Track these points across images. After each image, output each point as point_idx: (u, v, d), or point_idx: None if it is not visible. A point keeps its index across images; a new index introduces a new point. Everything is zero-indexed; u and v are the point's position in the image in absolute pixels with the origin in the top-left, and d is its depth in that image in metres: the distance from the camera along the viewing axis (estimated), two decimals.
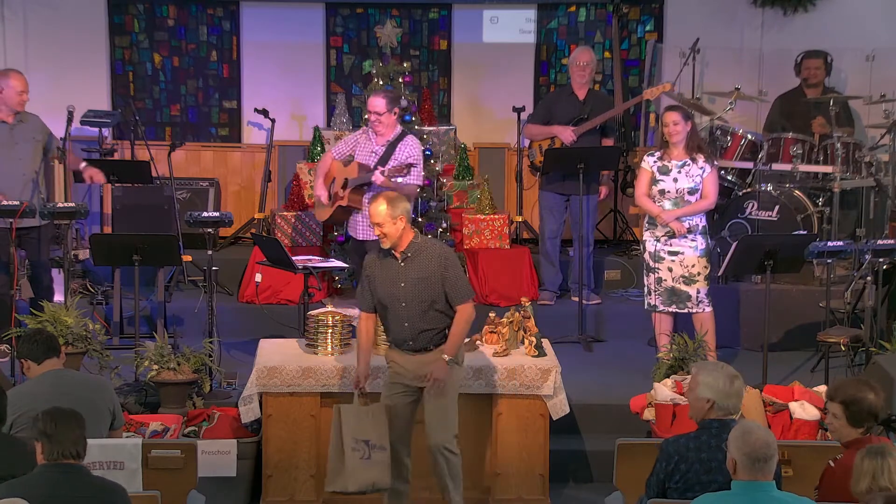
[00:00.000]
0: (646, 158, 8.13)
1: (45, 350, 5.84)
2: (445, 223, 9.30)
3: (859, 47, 10.33)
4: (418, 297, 6.32)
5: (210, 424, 7.01)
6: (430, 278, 6.31)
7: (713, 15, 10.72)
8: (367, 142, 8.22)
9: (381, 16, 10.68)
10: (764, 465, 4.67)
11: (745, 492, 4.67)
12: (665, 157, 8.03)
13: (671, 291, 8.00)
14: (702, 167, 7.98)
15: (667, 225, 7.95)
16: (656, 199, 8.02)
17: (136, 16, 10.87)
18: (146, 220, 9.16)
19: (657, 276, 8.04)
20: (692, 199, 7.97)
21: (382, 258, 6.39)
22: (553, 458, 7.11)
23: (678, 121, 7.96)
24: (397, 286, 6.33)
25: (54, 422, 4.72)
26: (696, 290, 7.98)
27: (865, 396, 5.24)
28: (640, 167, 8.16)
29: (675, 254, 7.98)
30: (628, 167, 10.54)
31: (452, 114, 11.00)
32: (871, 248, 7.72)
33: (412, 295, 6.32)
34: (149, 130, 10.57)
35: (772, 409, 6.93)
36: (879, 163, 9.58)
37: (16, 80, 8.43)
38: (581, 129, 9.22)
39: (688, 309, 8.00)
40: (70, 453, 4.72)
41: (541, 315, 7.89)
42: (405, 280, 6.32)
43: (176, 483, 5.87)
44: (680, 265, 7.97)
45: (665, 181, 8.00)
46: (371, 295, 6.44)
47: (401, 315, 6.36)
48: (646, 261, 8.12)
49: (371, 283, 6.43)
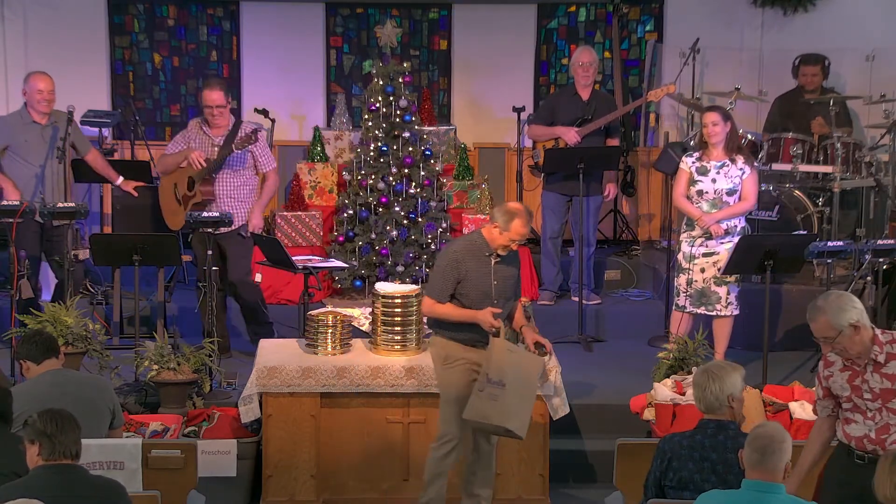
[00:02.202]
0: (684, 159, 8.06)
1: (44, 351, 5.84)
2: (445, 223, 9.30)
3: (859, 47, 10.33)
4: (505, 294, 6.51)
5: (210, 424, 7.01)
6: (513, 276, 6.56)
7: (713, 15, 10.72)
8: (203, 136, 8.36)
9: (381, 16, 10.68)
10: (766, 459, 4.62)
11: (752, 491, 4.63)
12: (704, 158, 7.97)
13: (701, 293, 7.95)
14: (741, 168, 7.92)
15: (706, 227, 7.93)
16: (694, 199, 7.96)
17: (136, 16, 10.87)
18: (146, 220, 9.16)
19: (688, 277, 7.97)
20: (730, 201, 7.92)
21: (475, 255, 6.45)
22: (553, 458, 7.11)
23: (717, 121, 7.90)
24: (489, 284, 6.44)
25: (55, 422, 4.72)
26: (727, 290, 7.93)
27: None
28: (679, 167, 8.11)
29: (710, 255, 7.93)
30: (628, 167, 10.54)
31: (452, 114, 11.01)
32: (871, 248, 7.72)
33: (501, 292, 6.48)
34: (149, 130, 10.58)
35: (772, 409, 6.93)
36: (879, 163, 9.58)
37: (35, 80, 8.54)
38: (585, 129, 9.21)
39: (716, 311, 7.95)
40: (70, 453, 4.72)
41: (541, 315, 7.89)
42: (497, 278, 6.46)
43: (176, 483, 5.87)
44: (713, 266, 7.92)
45: (703, 182, 7.95)
46: (452, 288, 6.46)
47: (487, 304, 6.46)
48: (678, 261, 8.06)
49: (460, 280, 6.44)
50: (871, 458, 5.06)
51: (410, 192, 9.21)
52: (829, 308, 5.05)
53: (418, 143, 9.29)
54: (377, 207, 9.20)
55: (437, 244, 9.22)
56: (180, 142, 8.47)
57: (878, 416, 5.10)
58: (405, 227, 9.20)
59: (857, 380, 5.14)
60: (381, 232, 9.18)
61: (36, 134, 8.55)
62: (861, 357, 5.10)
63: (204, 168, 8.22)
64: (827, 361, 5.25)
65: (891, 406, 5.08)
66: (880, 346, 5.10)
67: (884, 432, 5.09)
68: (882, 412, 5.09)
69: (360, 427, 7.02)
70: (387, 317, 7.08)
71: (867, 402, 5.12)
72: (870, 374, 5.10)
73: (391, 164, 9.22)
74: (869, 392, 5.11)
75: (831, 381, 5.21)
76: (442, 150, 9.97)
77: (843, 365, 5.19)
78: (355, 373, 6.94)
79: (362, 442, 7.03)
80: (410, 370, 6.94)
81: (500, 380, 6.23)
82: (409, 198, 9.21)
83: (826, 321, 5.04)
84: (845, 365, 5.18)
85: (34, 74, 8.65)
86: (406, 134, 9.22)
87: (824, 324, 5.05)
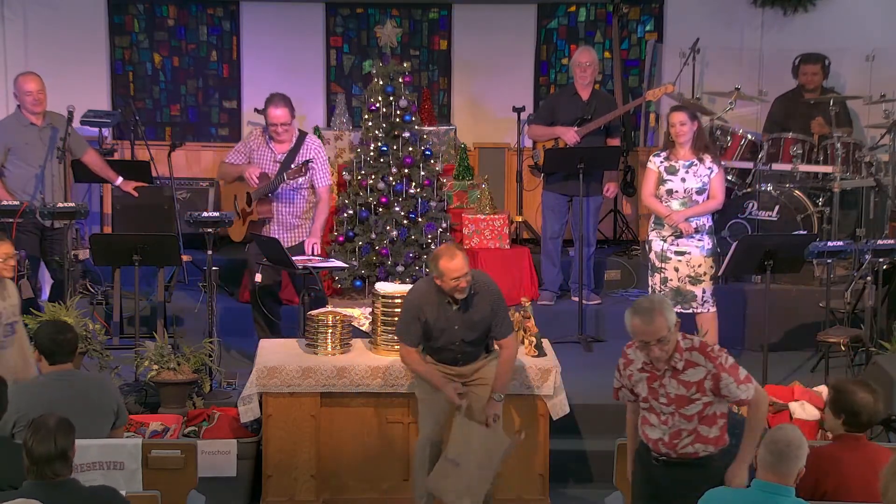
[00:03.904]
0: (652, 159, 8.11)
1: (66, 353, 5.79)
2: (445, 223, 9.30)
3: (859, 47, 10.32)
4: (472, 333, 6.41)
5: (210, 424, 7.01)
6: (483, 320, 6.38)
7: (713, 15, 10.71)
8: (265, 150, 8.35)
9: (381, 16, 10.68)
10: (782, 465, 4.61)
11: (762, 492, 4.63)
12: (672, 157, 8.02)
13: (676, 291, 7.99)
14: (709, 167, 7.97)
15: (675, 225, 7.95)
16: (664, 199, 8.01)
17: (136, 16, 10.87)
18: (146, 220, 9.17)
19: (663, 276, 8.03)
20: (700, 199, 7.96)
21: (434, 298, 6.37)
22: (553, 458, 7.11)
23: (685, 121, 7.94)
24: (452, 329, 6.38)
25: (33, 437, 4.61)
26: (702, 289, 7.97)
27: (854, 391, 5.27)
28: (647, 167, 8.14)
29: (682, 254, 7.98)
30: (628, 167, 10.54)
31: (452, 114, 11.00)
32: (871, 248, 7.72)
33: (467, 334, 6.39)
34: (149, 130, 10.57)
35: (772, 409, 6.92)
36: (879, 163, 9.57)
37: (23, 82, 8.57)
38: (584, 129, 9.21)
39: (693, 309, 7.99)
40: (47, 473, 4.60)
41: (541, 315, 7.89)
42: (459, 323, 6.37)
43: (176, 483, 5.87)
44: (686, 265, 7.96)
45: (673, 181, 7.99)
46: (420, 333, 6.44)
47: (454, 349, 6.43)
48: (651, 261, 8.12)
49: (424, 324, 6.41)
50: (664, 461, 5.25)
51: (410, 192, 9.21)
52: (661, 308, 5.14)
53: (418, 143, 9.29)
54: (377, 207, 9.20)
55: (436, 244, 9.20)
56: (242, 151, 8.47)
57: (670, 421, 5.22)
58: (405, 227, 9.20)
59: (655, 383, 5.24)
60: (381, 232, 9.18)
61: (34, 136, 8.56)
62: (661, 361, 5.17)
63: (259, 188, 8.24)
64: (627, 359, 5.35)
65: (683, 412, 5.19)
66: (680, 352, 5.19)
67: (676, 437, 5.22)
68: (675, 417, 5.21)
69: (360, 427, 7.03)
70: (387, 317, 7.08)
71: (662, 406, 5.22)
72: (668, 379, 5.20)
73: (391, 164, 9.21)
74: (665, 397, 5.21)
75: (632, 379, 5.31)
76: (442, 150, 9.97)
77: (642, 366, 5.28)
78: (355, 373, 6.94)
79: (362, 442, 7.03)
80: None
81: (454, 458, 6.26)
82: (409, 198, 9.21)
83: (663, 321, 5.11)
84: (643, 367, 5.27)
85: (22, 76, 8.67)
86: (406, 134, 9.22)
87: (661, 323, 5.11)
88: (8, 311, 6.50)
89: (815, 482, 5.11)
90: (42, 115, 8.58)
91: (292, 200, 8.34)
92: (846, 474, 5.14)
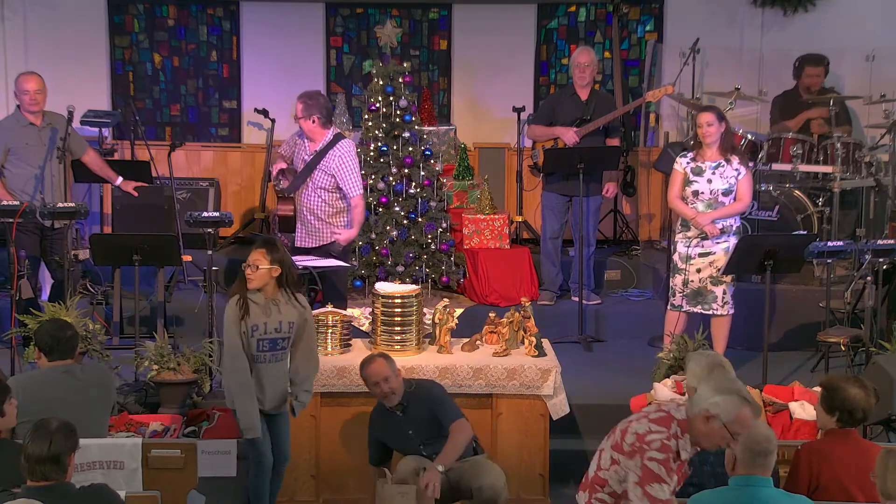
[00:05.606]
0: (678, 160, 8.05)
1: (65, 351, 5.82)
2: (445, 223, 9.30)
3: (859, 47, 10.34)
4: (427, 433, 6.37)
5: (210, 424, 7.00)
6: (430, 417, 6.35)
7: (713, 15, 10.72)
8: (302, 147, 8.26)
9: (381, 16, 10.68)
10: (764, 460, 4.72)
11: (740, 487, 4.73)
12: (698, 158, 7.97)
13: (697, 292, 7.96)
14: (736, 169, 7.91)
15: (701, 227, 7.93)
16: (689, 200, 7.96)
17: (136, 16, 10.87)
18: (146, 220, 9.16)
19: (684, 277, 7.98)
20: (726, 201, 7.92)
21: (382, 415, 6.44)
22: (553, 458, 7.11)
23: (712, 121, 7.89)
24: (407, 436, 6.39)
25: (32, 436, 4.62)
26: (723, 290, 7.94)
27: (847, 388, 5.29)
28: (673, 168, 8.08)
29: (706, 255, 7.93)
30: (628, 167, 10.54)
31: (452, 114, 11.01)
32: (871, 248, 7.72)
33: (422, 435, 6.37)
34: (149, 130, 10.58)
35: (772, 409, 6.93)
36: (879, 163, 9.58)
37: (22, 81, 8.58)
38: (584, 130, 9.21)
39: (712, 311, 7.96)
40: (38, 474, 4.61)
41: (541, 315, 7.89)
42: (411, 428, 6.38)
43: (176, 483, 5.87)
44: (710, 266, 7.93)
45: (699, 182, 7.94)
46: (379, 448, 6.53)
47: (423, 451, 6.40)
48: (674, 262, 8.07)
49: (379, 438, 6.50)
50: None
51: (410, 192, 9.21)
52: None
53: (418, 143, 9.29)
54: (377, 207, 9.20)
55: (437, 244, 9.22)
56: (289, 143, 8.39)
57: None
58: (405, 227, 9.20)
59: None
60: (381, 232, 9.18)
61: (34, 136, 8.56)
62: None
63: (283, 186, 8.18)
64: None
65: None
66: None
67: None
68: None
69: (360, 427, 7.01)
70: (387, 317, 7.09)
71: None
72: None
73: (391, 164, 9.22)
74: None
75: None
76: (442, 150, 9.97)
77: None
78: (355, 373, 6.91)
79: (362, 442, 7.01)
80: (410, 370, 6.93)
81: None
82: (409, 198, 9.21)
83: None
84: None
85: (23, 75, 8.68)
86: (406, 134, 9.22)
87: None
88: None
89: (809, 477, 5.15)
90: (41, 115, 8.58)
91: (315, 202, 8.23)
92: (838, 468, 5.19)
